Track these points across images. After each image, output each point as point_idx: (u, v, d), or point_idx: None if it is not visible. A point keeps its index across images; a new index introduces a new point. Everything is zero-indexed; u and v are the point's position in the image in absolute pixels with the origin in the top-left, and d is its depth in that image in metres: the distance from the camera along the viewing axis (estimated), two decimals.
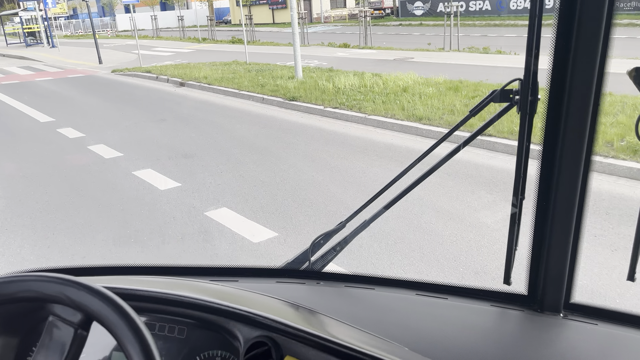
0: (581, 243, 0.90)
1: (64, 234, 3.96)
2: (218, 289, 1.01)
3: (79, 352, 0.67)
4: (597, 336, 0.90)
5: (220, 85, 10.47)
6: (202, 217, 4.12)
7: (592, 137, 0.81)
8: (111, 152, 6.23)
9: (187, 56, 17.49)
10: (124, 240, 3.78)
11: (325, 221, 3.92)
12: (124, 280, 1.02)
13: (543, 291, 0.95)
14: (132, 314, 0.62)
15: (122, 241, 3.77)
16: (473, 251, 3.30)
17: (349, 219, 1.19)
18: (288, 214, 4.10)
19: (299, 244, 3.52)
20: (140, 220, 4.12)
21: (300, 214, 4.10)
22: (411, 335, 0.92)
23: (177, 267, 1.22)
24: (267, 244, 3.61)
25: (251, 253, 3.50)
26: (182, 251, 3.60)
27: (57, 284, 0.64)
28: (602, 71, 0.77)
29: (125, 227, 4.01)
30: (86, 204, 4.58)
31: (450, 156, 1.06)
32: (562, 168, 0.84)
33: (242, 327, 0.84)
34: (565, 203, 0.86)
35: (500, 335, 0.94)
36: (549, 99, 0.82)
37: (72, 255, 3.59)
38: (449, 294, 1.05)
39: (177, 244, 3.71)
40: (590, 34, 0.75)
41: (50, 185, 5.13)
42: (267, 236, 3.72)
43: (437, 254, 3.29)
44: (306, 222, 3.94)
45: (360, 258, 3.27)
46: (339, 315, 0.95)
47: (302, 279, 1.15)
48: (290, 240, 3.65)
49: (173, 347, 0.92)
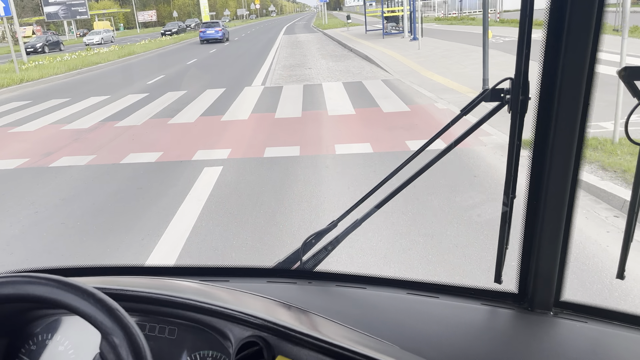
0: (571, 241, 0.91)
1: None
2: (209, 289, 1.00)
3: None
4: (586, 334, 0.91)
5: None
6: None
7: (582, 135, 0.82)
8: None
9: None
10: None
11: None
12: (114, 281, 1.01)
13: (533, 289, 0.96)
14: (124, 315, 0.61)
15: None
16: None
17: (340, 219, 1.19)
18: None
19: None
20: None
21: None
22: (402, 334, 0.92)
23: (168, 268, 1.21)
24: None
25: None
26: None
27: (47, 285, 0.64)
28: (592, 70, 0.78)
29: None
30: None
31: (441, 155, 1.07)
32: (552, 166, 0.84)
33: (234, 327, 0.84)
34: (556, 201, 0.87)
35: (491, 333, 0.95)
36: (540, 98, 0.83)
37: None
38: (440, 292, 1.06)
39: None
40: (580, 33, 0.75)
41: None
42: None
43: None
44: None
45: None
46: (331, 315, 0.95)
47: (293, 279, 1.15)
48: None
49: (164, 348, 0.91)
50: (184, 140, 7.09)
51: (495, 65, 10.00)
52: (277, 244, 3.56)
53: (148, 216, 4.25)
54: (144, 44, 31.64)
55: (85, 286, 0.63)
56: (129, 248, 3.66)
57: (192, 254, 3.50)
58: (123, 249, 3.66)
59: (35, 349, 0.96)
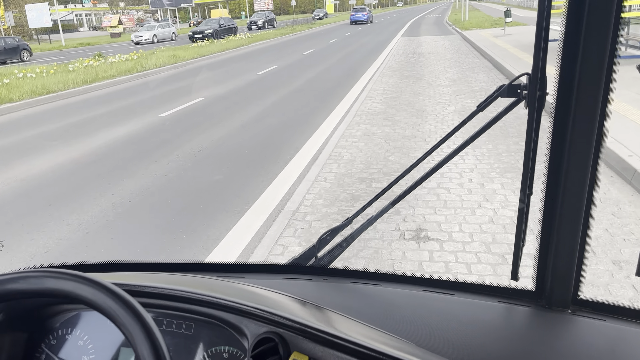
0: (589, 238, 0.90)
1: None
2: (225, 285, 1.01)
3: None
4: (605, 332, 0.90)
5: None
6: None
7: (601, 131, 0.81)
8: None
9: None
10: None
11: None
12: (131, 277, 1.03)
13: (551, 287, 0.95)
14: (142, 311, 0.62)
15: None
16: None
17: (355, 215, 1.19)
18: None
19: None
20: None
21: None
22: (418, 331, 0.92)
23: (184, 264, 1.22)
24: None
25: None
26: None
27: (69, 280, 0.65)
28: (612, 64, 0.77)
29: None
30: None
31: (457, 152, 1.06)
32: (570, 162, 0.83)
33: (250, 323, 0.85)
34: (574, 198, 0.86)
35: (507, 331, 0.94)
36: (558, 94, 0.82)
37: None
38: (456, 290, 1.05)
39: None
40: (599, 26, 0.74)
41: None
42: None
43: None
44: None
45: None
46: (346, 311, 0.95)
47: (308, 275, 1.16)
48: None
49: (180, 343, 0.92)
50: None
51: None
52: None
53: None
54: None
55: (105, 282, 0.64)
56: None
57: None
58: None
59: (55, 344, 0.98)
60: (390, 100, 8.93)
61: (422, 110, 7.96)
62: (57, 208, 4.78)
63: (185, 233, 4.03)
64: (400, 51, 17.13)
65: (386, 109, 8.29)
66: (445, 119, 7.36)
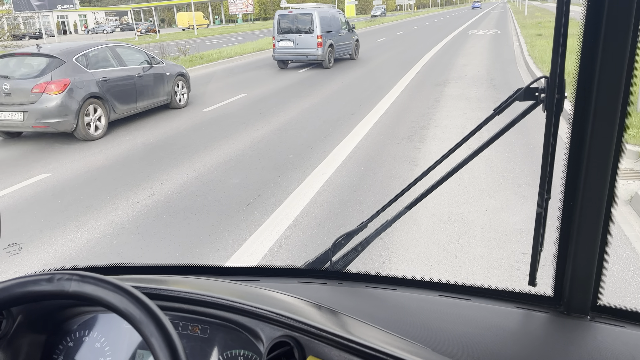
0: (609, 243, 0.88)
1: None
2: (240, 288, 1.02)
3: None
4: (625, 339, 0.88)
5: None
6: None
7: (620, 135, 0.80)
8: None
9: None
10: None
11: None
12: (148, 280, 1.04)
13: (569, 293, 0.93)
14: (161, 315, 0.63)
15: None
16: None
17: (370, 219, 1.18)
18: None
19: None
20: None
21: None
22: (433, 336, 0.91)
23: (200, 267, 1.23)
24: None
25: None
26: None
27: (89, 283, 0.66)
28: (632, 68, 0.75)
29: None
30: None
31: (473, 155, 1.05)
32: (589, 166, 0.82)
33: (265, 326, 0.85)
34: (593, 202, 0.85)
35: (525, 337, 0.93)
36: (577, 97, 0.80)
37: None
38: (473, 295, 1.04)
39: None
40: (619, 28, 0.73)
41: None
42: None
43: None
44: None
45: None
46: (361, 316, 0.94)
47: (323, 279, 1.15)
48: None
49: (196, 346, 0.93)
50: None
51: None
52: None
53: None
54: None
55: (124, 285, 0.65)
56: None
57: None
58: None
59: (72, 346, 0.99)
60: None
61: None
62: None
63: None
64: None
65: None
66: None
